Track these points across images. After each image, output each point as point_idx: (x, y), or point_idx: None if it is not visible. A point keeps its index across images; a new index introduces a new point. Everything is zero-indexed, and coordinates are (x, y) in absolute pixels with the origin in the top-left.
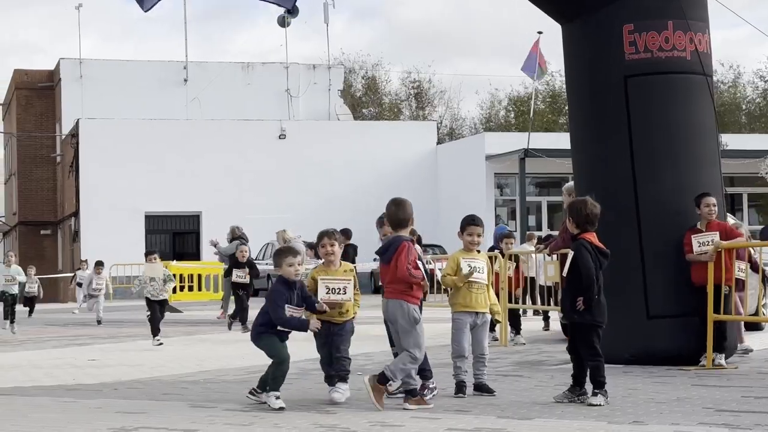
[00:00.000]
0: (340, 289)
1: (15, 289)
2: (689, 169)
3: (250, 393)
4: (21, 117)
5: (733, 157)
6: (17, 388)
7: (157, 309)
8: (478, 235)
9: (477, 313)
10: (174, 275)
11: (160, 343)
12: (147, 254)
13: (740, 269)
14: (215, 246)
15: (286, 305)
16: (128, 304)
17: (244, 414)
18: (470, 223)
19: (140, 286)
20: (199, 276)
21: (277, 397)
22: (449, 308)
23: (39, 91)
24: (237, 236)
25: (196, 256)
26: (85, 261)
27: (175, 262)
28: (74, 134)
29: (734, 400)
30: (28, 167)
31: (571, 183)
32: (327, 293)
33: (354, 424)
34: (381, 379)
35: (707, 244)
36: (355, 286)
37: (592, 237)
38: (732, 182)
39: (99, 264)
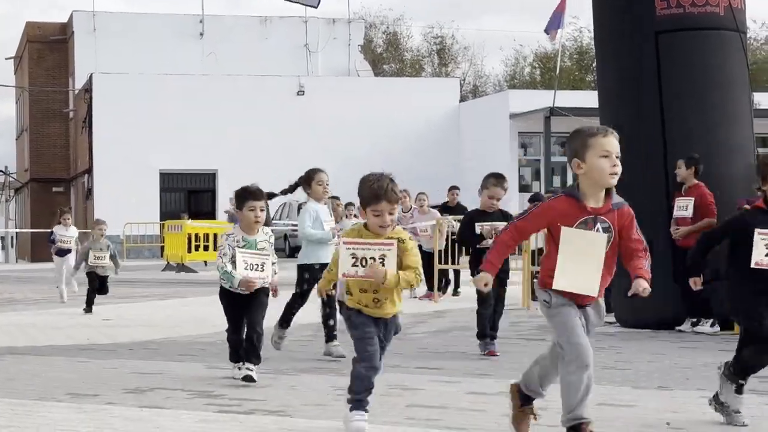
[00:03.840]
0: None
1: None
2: (720, 128)
3: None
4: (33, 71)
5: (766, 116)
6: (32, 348)
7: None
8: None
9: None
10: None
11: None
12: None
13: None
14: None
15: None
16: (143, 263)
17: (260, 375)
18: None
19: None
20: (215, 235)
21: None
22: None
23: (51, 45)
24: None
25: (211, 215)
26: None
27: (190, 221)
28: (87, 89)
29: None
30: (40, 123)
31: None
32: (354, 264)
33: None
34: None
35: (683, 209)
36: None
37: None
38: (764, 142)
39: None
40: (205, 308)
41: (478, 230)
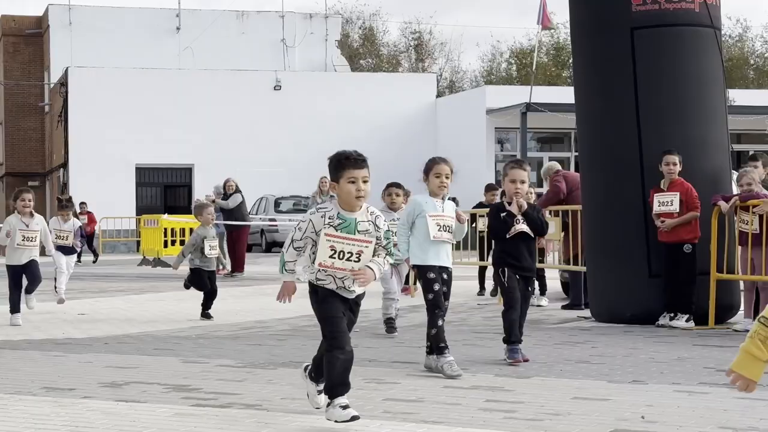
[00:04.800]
0: None
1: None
2: (695, 124)
3: None
4: (8, 65)
5: (741, 113)
6: (7, 342)
7: None
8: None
9: None
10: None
11: None
12: None
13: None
14: (213, 202)
15: None
16: (118, 258)
17: (236, 370)
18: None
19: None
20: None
21: None
22: None
23: (26, 38)
24: (237, 189)
25: (187, 209)
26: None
27: (166, 215)
28: (63, 83)
29: None
30: (15, 116)
31: (550, 164)
32: None
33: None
34: None
35: (667, 204)
36: None
37: None
38: (739, 139)
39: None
40: (182, 303)
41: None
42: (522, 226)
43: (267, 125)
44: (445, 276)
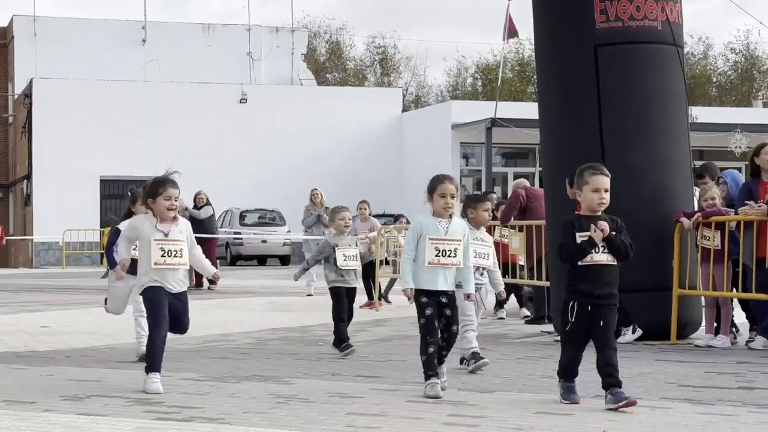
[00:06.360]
0: None
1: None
2: (658, 141)
3: None
4: None
5: (703, 130)
6: None
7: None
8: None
9: None
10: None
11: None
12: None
13: (706, 237)
14: (185, 210)
15: None
16: (82, 270)
17: (200, 383)
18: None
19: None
20: None
21: None
22: None
23: None
24: (208, 202)
25: None
26: None
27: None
28: (27, 94)
29: (697, 375)
30: None
31: (518, 181)
32: None
33: (312, 395)
34: None
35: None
36: None
37: None
38: (701, 156)
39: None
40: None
41: (579, 239)
42: (600, 257)
43: (233, 138)
44: (443, 300)
